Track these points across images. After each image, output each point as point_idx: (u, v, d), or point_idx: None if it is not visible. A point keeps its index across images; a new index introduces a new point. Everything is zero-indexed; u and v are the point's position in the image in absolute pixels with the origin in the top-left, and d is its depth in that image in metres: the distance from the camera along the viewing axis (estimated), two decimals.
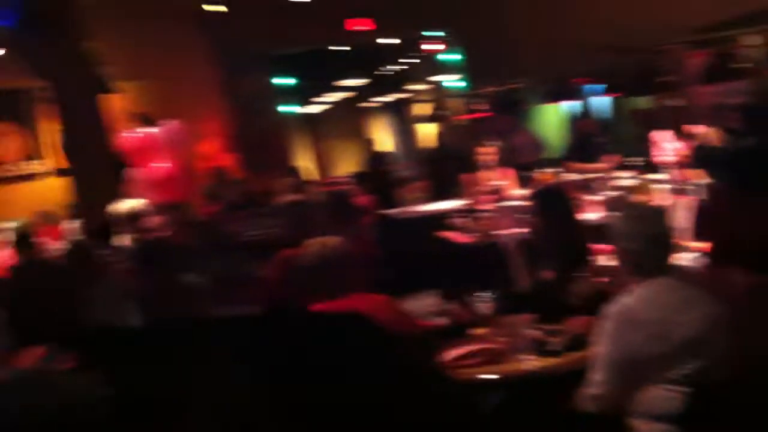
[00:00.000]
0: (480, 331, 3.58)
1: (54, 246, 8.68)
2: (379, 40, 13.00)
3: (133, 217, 6.20)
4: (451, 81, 13.92)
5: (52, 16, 6.54)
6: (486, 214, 6.12)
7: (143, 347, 3.92)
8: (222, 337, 4.07)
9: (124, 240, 6.28)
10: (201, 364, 3.91)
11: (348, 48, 13.15)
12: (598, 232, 3.61)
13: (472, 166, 7.82)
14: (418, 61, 14.37)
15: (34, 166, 11.34)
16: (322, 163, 16.10)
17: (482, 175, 7.62)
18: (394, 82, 15.71)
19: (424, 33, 13.23)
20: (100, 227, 6.35)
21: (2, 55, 9.88)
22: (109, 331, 4.04)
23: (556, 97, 13.01)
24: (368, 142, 13.74)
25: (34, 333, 3.20)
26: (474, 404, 3.24)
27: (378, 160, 13.15)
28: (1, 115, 11.02)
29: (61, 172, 11.35)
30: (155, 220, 6.70)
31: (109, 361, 3.13)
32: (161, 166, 7.71)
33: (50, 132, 11.40)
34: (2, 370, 2.95)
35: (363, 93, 16.08)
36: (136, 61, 10.31)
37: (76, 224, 8.83)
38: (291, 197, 5.94)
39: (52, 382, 1.43)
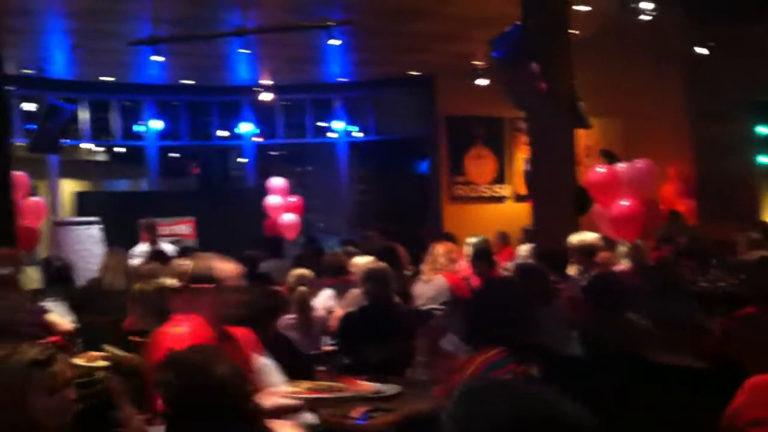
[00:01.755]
0: None
1: (506, 265, 9.26)
2: None
3: (587, 249, 6.32)
4: None
5: (539, 52, 6.96)
6: None
7: (582, 376, 4.00)
8: (662, 384, 3.97)
9: (575, 270, 6.44)
10: (635, 406, 3.87)
11: None
12: None
13: None
14: None
15: (499, 190, 12.30)
16: None
17: None
18: None
19: None
20: (553, 254, 6.56)
21: (487, 86, 10.89)
22: (551, 352, 4.20)
23: None
24: None
25: (486, 339, 3.48)
26: None
27: None
28: (482, 140, 12.17)
29: (519, 198, 12.13)
30: (607, 256, 6.76)
31: (550, 380, 3.28)
32: (622, 203, 7.73)
33: (515, 159, 12.27)
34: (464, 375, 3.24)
35: None
36: (608, 98, 10.51)
37: (529, 248, 9.30)
38: (757, 253, 5.52)
39: (531, 390, 1.50)
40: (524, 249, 9.86)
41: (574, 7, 7.87)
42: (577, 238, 6.48)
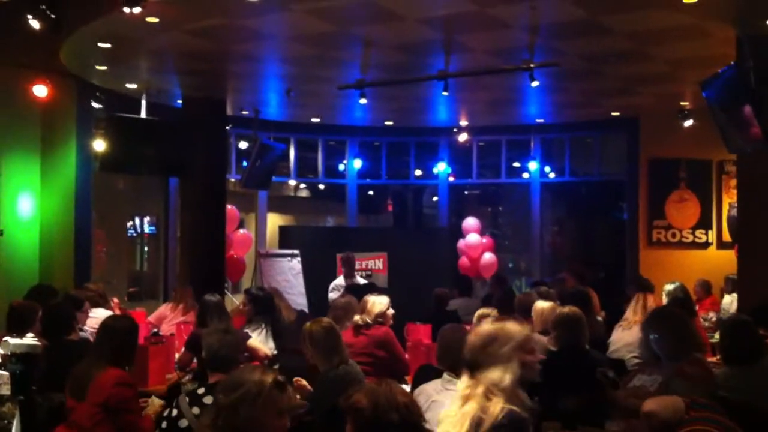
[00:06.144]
0: None
1: (708, 315, 8.83)
2: None
3: None
4: None
5: (754, 94, 6.59)
6: None
7: None
8: None
9: None
10: None
11: None
12: None
13: None
14: None
15: (702, 235, 11.67)
16: None
17: None
18: None
19: None
20: (762, 306, 6.17)
21: (694, 127, 10.39)
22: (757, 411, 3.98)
23: None
24: None
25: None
26: None
27: None
28: (686, 183, 11.65)
29: (723, 245, 11.46)
30: None
31: None
32: None
33: (721, 204, 11.62)
34: None
35: None
36: None
37: (734, 298, 8.78)
38: None
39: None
40: (728, 299, 9.34)
41: None
42: None
